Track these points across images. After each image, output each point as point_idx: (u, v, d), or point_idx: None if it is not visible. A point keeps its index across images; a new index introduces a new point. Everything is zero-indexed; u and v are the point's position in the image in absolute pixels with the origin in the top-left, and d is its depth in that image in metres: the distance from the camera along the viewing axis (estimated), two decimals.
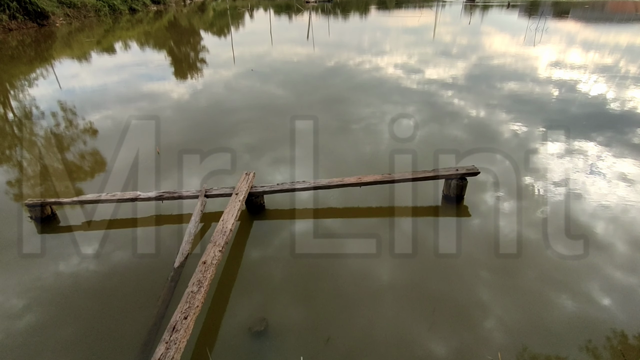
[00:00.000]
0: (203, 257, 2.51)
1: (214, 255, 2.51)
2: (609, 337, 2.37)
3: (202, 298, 2.22)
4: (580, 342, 2.33)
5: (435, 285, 2.77)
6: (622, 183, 4.04)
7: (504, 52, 11.67)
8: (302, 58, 11.67)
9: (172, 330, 2.02)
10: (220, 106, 7.05)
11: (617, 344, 2.31)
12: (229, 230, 2.77)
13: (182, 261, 2.74)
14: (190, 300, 2.19)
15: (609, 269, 2.88)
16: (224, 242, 2.66)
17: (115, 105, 7.27)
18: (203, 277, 2.34)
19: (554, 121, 5.86)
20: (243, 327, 2.45)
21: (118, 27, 20.85)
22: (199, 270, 2.40)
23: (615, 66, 9.50)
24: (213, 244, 2.62)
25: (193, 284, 2.30)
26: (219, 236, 2.70)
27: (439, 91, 7.61)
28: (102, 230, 3.47)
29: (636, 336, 2.37)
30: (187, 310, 2.13)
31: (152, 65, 11.20)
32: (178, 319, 2.08)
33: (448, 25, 19.60)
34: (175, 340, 1.96)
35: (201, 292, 2.24)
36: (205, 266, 2.42)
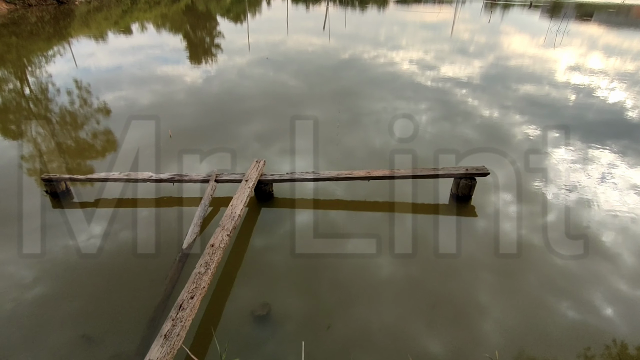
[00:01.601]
0: (211, 240, 2.57)
1: (222, 239, 2.57)
2: (608, 345, 2.38)
3: (208, 279, 2.29)
4: (578, 348, 2.35)
5: (437, 282, 2.81)
6: (633, 192, 4.00)
7: (522, 53, 11.48)
8: (317, 48, 11.62)
9: (179, 308, 2.09)
10: (232, 93, 7.09)
11: (616, 352, 2.33)
12: (237, 216, 2.83)
13: (190, 243, 2.81)
14: (197, 280, 2.26)
15: (614, 278, 2.88)
16: (232, 226, 2.72)
17: (129, 87, 7.36)
18: (210, 260, 2.40)
19: (568, 126, 5.78)
20: (246, 311, 2.52)
21: (136, 8, 20.92)
22: (206, 252, 2.46)
23: (637, 73, 9.29)
24: (222, 228, 2.68)
25: (200, 265, 2.36)
26: (228, 221, 2.76)
27: (453, 89, 7.54)
28: (114, 209, 3.56)
29: (636, 346, 2.38)
30: (194, 290, 2.19)
31: (167, 48, 11.25)
32: (185, 298, 2.15)
33: (467, 23, 19.28)
34: (182, 318, 2.03)
35: (208, 273, 2.31)
36: (213, 249, 2.48)
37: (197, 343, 2.33)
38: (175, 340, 1.92)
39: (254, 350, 2.28)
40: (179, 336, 1.94)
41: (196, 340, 2.34)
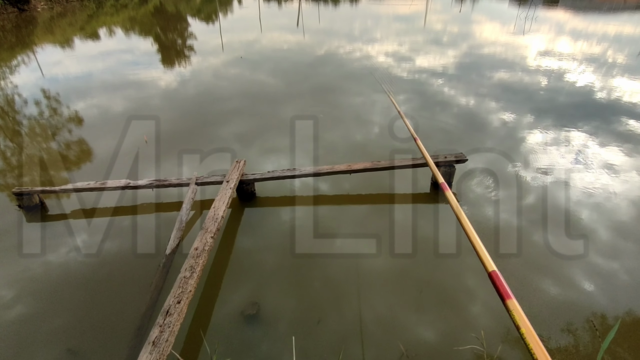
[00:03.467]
0: (195, 243, 2.53)
1: (205, 242, 2.54)
2: (588, 318, 2.47)
3: (194, 283, 2.25)
4: (560, 324, 2.42)
5: (423, 269, 2.85)
6: (605, 170, 4.15)
7: (494, 41, 11.71)
8: (292, 46, 11.55)
9: (166, 314, 2.05)
10: (209, 94, 6.98)
11: (596, 324, 2.42)
12: (220, 217, 2.79)
13: (173, 248, 2.76)
14: (183, 285, 2.22)
15: (592, 253, 2.98)
16: (215, 228, 2.68)
17: (101, 93, 7.15)
18: (195, 263, 2.36)
19: (542, 110, 5.95)
20: (235, 311, 2.50)
21: (102, 12, 20.30)
22: (191, 256, 2.42)
23: (603, 55, 9.62)
24: (205, 231, 2.64)
25: (185, 269, 2.33)
26: (211, 223, 2.72)
27: (429, 80, 7.63)
28: (92, 219, 3.46)
29: (613, 317, 2.47)
30: (180, 295, 2.16)
31: (138, 52, 10.98)
32: (171, 303, 2.11)
33: (439, 14, 19.52)
34: (169, 324, 1.99)
35: (194, 277, 2.27)
36: (198, 252, 2.44)
37: (187, 347, 2.30)
38: (164, 346, 1.88)
39: (245, 349, 2.27)
40: (167, 342, 1.91)
41: (186, 344, 2.31)
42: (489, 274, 1.10)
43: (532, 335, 0.87)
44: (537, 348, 0.84)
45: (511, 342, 2.28)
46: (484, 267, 1.12)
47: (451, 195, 1.56)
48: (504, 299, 1.00)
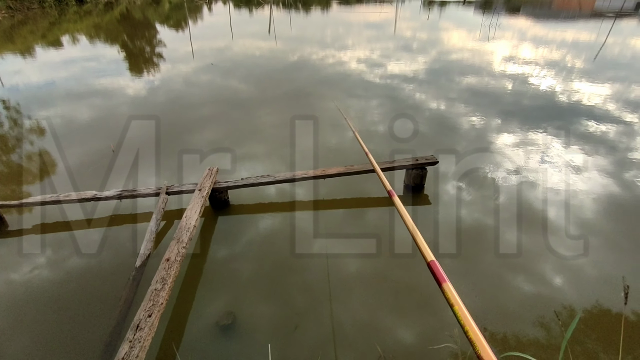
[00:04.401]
0: (166, 254, 2.45)
1: (177, 252, 2.46)
2: (558, 311, 2.56)
3: (166, 295, 2.18)
4: (532, 318, 2.50)
5: (398, 271, 2.87)
6: (570, 169, 4.34)
7: (461, 47, 12.12)
8: (264, 52, 11.53)
9: (136, 328, 1.97)
10: (180, 102, 6.84)
11: (565, 316, 2.51)
12: (192, 227, 2.72)
13: (144, 260, 2.67)
14: (154, 297, 2.14)
15: (561, 249, 3.10)
16: (187, 238, 2.61)
17: (65, 103, 6.88)
18: (167, 274, 2.28)
19: (508, 113, 6.18)
20: (210, 322, 2.43)
21: (65, 19, 19.59)
22: (162, 267, 2.34)
23: (563, 60, 10.13)
24: (176, 241, 2.57)
25: (157, 281, 2.25)
26: (183, 232, 2.65)
27: (401, 85, 7.79)
28: (58, 233, 3.30)
29: (581, 308, 2.57)
30: (151, 308, 2.08)
31: (104, 60, 10.65)
32: (142, 317, 2.03)
33: (408, 21, 20.04)
34: (140, 339, 1.91)
35: (165, 289, 2.20)
36: (169, 263, 2.37)
37: None
38: None
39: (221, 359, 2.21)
40: (138, 358, 1.83)
41: (158, 359, 2.22)
42: (428, 263, 1.18)
43: (463, 312, 0.94)
44: (467, 323, 0.91)
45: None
46: (424, 257, 1.19)
47: (397, 200, 1.62)
48: (440, 282, 1.08)
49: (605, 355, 2.22)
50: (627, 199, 3.79)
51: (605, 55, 10.76)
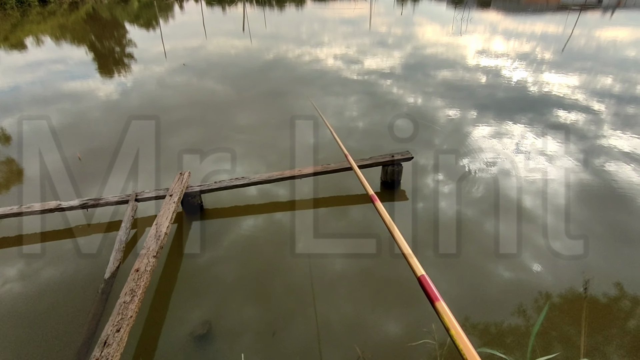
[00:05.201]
0: (136, 264, 2.34)
1: (147, 262, 2.35)
2: (536, 298, 2.59)
3: (136, 308, 2.07)
4: (513, 305, 2.53)
5: (379, 269, 2.85)
6: (544, 158, 4.43)
7: (435, 42, 12.24)
8: (239, 51, 11.33)
9: (104, 345, 1.86)
10: (153, 104, 6.62)
11: (542, 302, 2.54)
12: (163, 234, 2.61)
13: (113, 271, 2.54)
14: (123, 311, 2.04)
15: (538, 236, 3.16)
16: (158, 247, 2.50)
17: (31, 108, 6.55)
18: (136, 286, 2.18)
19: (483, 105, 6.28)
20: (185, 333, 2.34)
21: (27, 20, 18.71)
22: (131, 278, 2.23)
23: (533, 53, 10.37)
24: (147, 250, 2.46)
25: (125, 293, 2.14)
26: (153, 241, 2.54)
27: (378, 81, 7.79)
28: (20, 247, 3.12)
29: (558, 294, 2.61)
30: (120, 322, 1.97)
31: (71, 62, 10.22)
32: (110, 332, 1.93)
33: (383, 16, 20.11)
34: (107, 356, 1.81)
35: (134, 301, 2.09)
36: (139, 274, 2.26)
37: None
38: None
39: None
40: None
41: None
42: (418, 279, 1.12)
43: (460, 336, 0.90)
44: (466, 349, 0.86)
45: None
46: (413, 272, 1.13)
47: (380, 206, 1.59)
48: (433, 301, 1.02)
49: (576, 339, 2.26)
50: (598, 184, 3.89)
51: (572, 46, 11.08)
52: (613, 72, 8.30)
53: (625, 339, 2.29)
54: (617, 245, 3.06)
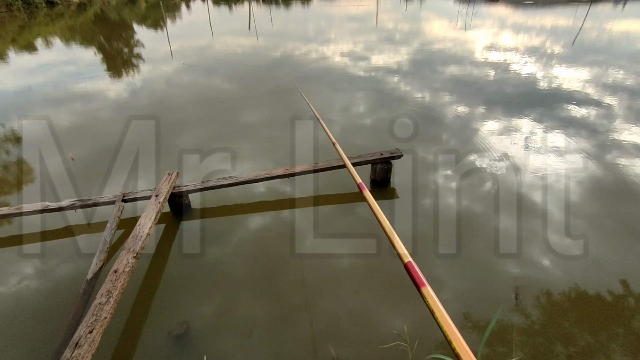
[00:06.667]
0: (115, 265, 2.33)
1: (126, 263, 2.34)
2: (537, 295, 2.51)
3: (111, 309, 2.06)
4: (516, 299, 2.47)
5: (384, 264, 2.77)
6: (553, 154, 4.31)
7: (443, 37, 12.02)
8: (246, 49, 11.33)
9: (75, 346, 1.85)
10: (162, 104, 6.62)
11: (545, 299, 2.45)
12: (145, 235, 2.59)
13: (95, 272, 2.54)
14: (97, 312, 2.02)
15: (545, 232, 3.07)
16: (139, 247, 2.48)
17: (43, 109, 6.63)
18: (113, 287, 2.16)
19: (492, 101, 6.13)
20: (162, 333, 2.32)
21: (35, 22, 19.06)
22: (109, 279, 2.22)
23: (543, 46, 10.09)
24: (127, 251, 2.44)
25: (102, 294, 2.13)
26: (134, 242, 2.52)
27: (385, 77, 7.69)
28: (7, 248, 3.14)
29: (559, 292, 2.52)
30: (93, 323, 1.96)
31: (82, 63, 10.38)
32: (82, 333, 1.91)
33: (390, 12, 19.89)
34: (78, 357, 1.80)
35: (110, 302, 2.08)
36: (117, 275, 2.24)
37: None
38: None
39: None
40: None
41: None
42: (405, 265, 1.13)
43: (444, 318, 0.93)
44: (449, 329, 0.91)
45: (430, 331, 2.24)
46: (400, 259, 1.13)
47: (368, 194, 1.58)
48: (419, 286, 1.05)
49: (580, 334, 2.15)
50: (609, 180, 3.76)
51: (583, 39, 10.74)
52: (625, 66, 8.00)
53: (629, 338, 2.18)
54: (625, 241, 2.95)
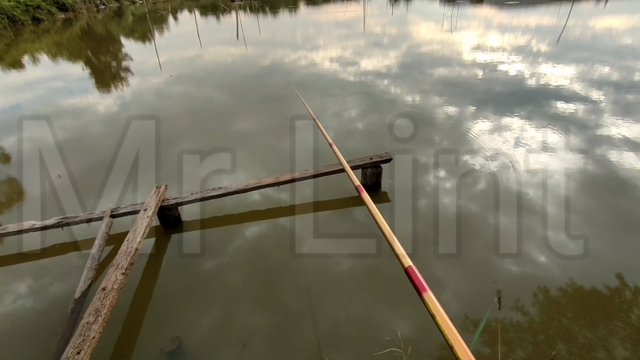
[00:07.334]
0: (103, 283, 2.27)
1: (115, 280, 2.28)
2: (535, 292, 2.51)
3: (99, 328, 2.00)
4: (516, 296, 2.47)
5: (379, 266, 2.74)
6: (544, 151, 4.34)
7: (430, 40, 12.12)
8: (235, 59, 11.34)
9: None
10: (152, 116, 6.54)
11: (543, 298, 2.43)
12: (134, 250, 2.54)
13: (83, 290, 2.48)
14: (85, 332, 1.97)
15: (541, 228, 3.08)
16: (128, 263, 2.43)
17: (32, 125, 6.53)
18: (101, 305, 2.11)
19: (481, 101, 6.18)
20: (154, 350, 2.26)
21: (21, 39, 18.90)
22: (97, 298, 2.16)
23: (528, 45, 10.20)
24: (115, 267, 2.39)
25: (90, 314, 2.07)
26: (123, 258, 2.47)
27: (375, 81, 7.72)
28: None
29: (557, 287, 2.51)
30: (81, 344, 1.90)
31: (70, 78, 10.30)
32: (70, 355, 1.86)
33: (377, 17, 20.04)
34: None
35: (98, 321, 2.02)
36: (105, 292, 2.19)
37: None
38: None
39: None
40: None
41: None
42: (405, 270, 1.11)
43: (446, 323, 0.94)
44: (451, 334, 0.91)
45: (426, 336, 2.21)
46: (400, 263, 1.11)
47: (366, 196, 1.57)
48: (420, 292, 1.02)
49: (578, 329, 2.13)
50: (601, 174, 3.80)
51: (567, 37, 10.89)
52: (610, 61, 8.11)
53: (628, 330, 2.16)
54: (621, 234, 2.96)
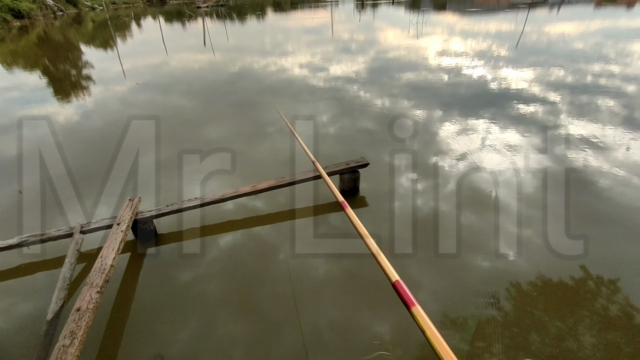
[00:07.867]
0: (77, 303, 2.15)
1: (90, 299, 2.17)
2: (507, 287, 2.60)
3: (76, 351, 1.89)
4: (490, 291, 2.56)
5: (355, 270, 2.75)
6: (509, 151, 4.54)
7: (397, 45, 12.44)
8: (203, 65, 11.16)
9: None
10: (116, 124, 6.30)
11: (515, 291, 2.53)
12: (109, 267, 2.43)
13: (56, 312, 2.34)
14: (62, 356, 1.85)
15: (509, 225, 3.21)
16: (102, 281, 2.32)
17: None
18: (77, 327, 1.99)
19: (448, 104, 6.41)
20: None
21: None
22: (71, 319, 2.05)
23: (489, 50, 10.69)
24: (89, 286, 2.27)
25: (65, 336, 1.95)
26: (97, 276, 2.35)
27: (345, 86, 7.83)
28: None
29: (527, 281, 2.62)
30: None
31: (26, 88, 9.73)
32: None
33: (344, 23, 20.36)
34: None
35: (75, 344, 1.91)
36: (80, 313, 2.07)
37: None
38: None
39: None
40: None
41: None
42: (393, 284, 1.09)
43: (437, 337, 0.92)
44: (442, 348, 0.89)
45: (414, 338, 2.24)
46: (388, 278, 1.09)
47: (351, 212, 1.54)
48: (409, 306, 1.00)
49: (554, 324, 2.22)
50: (560, 170, 4.02)
51: (525, 42, 11.52)
52: (564, 64, 8.65)
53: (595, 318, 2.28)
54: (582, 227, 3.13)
